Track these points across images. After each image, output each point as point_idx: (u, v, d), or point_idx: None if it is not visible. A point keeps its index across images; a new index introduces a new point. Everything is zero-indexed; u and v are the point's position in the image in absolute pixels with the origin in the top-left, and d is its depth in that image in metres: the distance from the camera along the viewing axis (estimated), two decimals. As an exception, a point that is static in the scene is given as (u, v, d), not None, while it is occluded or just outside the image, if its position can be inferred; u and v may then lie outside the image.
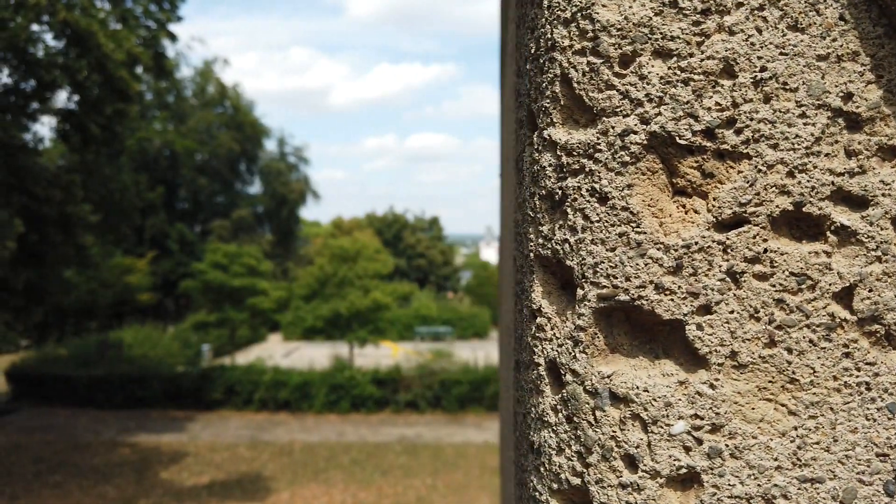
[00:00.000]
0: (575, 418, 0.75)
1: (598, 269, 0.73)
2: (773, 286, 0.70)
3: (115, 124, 15.85)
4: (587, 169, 0.74)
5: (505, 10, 2.34)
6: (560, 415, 0.77)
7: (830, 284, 0.69)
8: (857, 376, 0.69)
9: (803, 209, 0.70)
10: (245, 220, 40.49)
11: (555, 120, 0.77)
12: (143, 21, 15.77)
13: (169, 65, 15.96)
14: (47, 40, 15.45)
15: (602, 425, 0.73)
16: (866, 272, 0.69)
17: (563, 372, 0.77)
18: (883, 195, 0.68)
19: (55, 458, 14.57)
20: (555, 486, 0.78)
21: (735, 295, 0.70)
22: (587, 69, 0.74)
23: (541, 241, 0.80)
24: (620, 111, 0.72)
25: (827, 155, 0.69)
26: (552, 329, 0.79)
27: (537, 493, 0.81)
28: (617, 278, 0.73)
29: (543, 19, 0.79)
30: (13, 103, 15.31)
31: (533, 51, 0.83)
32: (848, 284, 0.69)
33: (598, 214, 0.73)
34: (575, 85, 0.75)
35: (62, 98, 16.28)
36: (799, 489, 0.69)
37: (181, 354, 24.24)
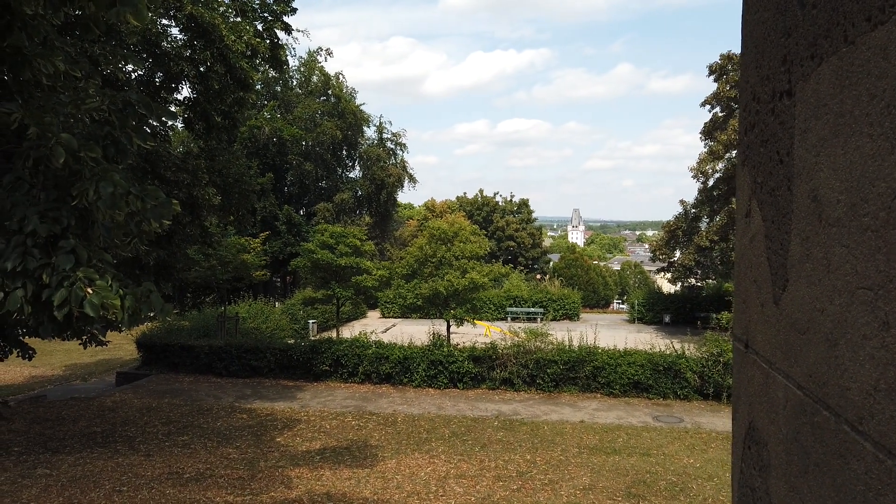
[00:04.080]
0: None
1: None
2: None
3: (234, 112, 16.85)
4: None
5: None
6: None
7: None
8: None
9: None
10: (346, 203, 42.00)
11: None
12: (259, 13, 16.63)
13: (283, 54, 16.79)
14: (174, 33, 16.55)
15: None
16: None
17: None
18: None
19: (182, 421, 15.66)
20: None
21: None
22: None
23: None
24: None
25: None
26: None
27: None
28: None
29: None
30: (145, 93, 16.52)
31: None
32: None
33: None
34: None
35: (183, 88, 17.41)
36: None
37: (289, 328, 25.63)
